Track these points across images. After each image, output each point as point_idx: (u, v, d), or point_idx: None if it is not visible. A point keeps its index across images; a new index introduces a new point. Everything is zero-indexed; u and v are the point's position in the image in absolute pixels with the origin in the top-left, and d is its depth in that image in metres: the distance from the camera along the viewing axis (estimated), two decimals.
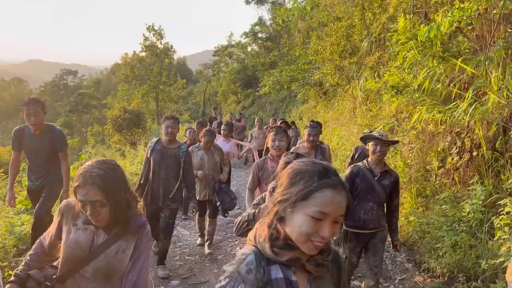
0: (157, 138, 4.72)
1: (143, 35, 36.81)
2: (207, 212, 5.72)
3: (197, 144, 5.70)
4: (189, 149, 5.37)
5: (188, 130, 7.41)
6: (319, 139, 4.99)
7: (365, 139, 3.91)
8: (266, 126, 10.07)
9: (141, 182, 4.62)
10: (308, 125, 4.83)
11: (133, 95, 38.85)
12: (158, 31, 37.12)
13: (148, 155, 4.60)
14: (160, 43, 37.30)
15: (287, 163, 2.15)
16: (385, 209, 3.92)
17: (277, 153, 3.72)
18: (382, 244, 3.88)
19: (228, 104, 37.24)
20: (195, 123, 8.25)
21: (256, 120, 10.45)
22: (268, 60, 30.51)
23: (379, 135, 3.77)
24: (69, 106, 54.78)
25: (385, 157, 3.84)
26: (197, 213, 5.65)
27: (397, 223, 4.00)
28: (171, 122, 4.53)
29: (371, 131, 5.70)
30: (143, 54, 37.51)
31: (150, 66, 36.49)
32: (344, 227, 3.82)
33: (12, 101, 70.88)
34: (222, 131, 7.47)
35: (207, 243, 5.57)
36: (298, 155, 2.30)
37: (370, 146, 3.75)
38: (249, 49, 37.09)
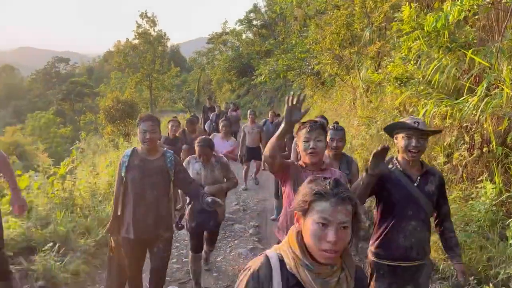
0: (131, 148, 3.44)
1: (136, 22, 36.24)
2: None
3: (195, 155, 4.36)
4: (187, 159, 4.42)
5: (170, 123, 6.44)
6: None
7: (391, 129, 2.74)
8: (264, 120, 9.53)
9: (118, 212, 3.34)
10: (332, 127, 3.76)
11: (126, 83, 38.37)
12: (151, 18, 36.50)
13: (122, 173, 3.29)
14: (153, 30, 36.70)
15: (317, 194, 1.41)
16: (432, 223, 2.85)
17: (313, 159, 2.63)
18: (427, 279, 2.82)
19: (223, 93, 36.95)
20: (186, 121, 7.09)
21: (248, 113, 8.82)
22: (264, 48, 30.16)
23: (414, 123, 2.56)
24: (61, 94, 54.12)
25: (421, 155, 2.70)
26: (190, 248, 4.36)
27: (456, 238, 2.81)
28: (148, 124, 3.25)
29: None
30: (136, 41, 36.94)
31: (143, 53, 35.96)
32: (373, 258, 2.76)
33: (3, 90, 69.95)
34: (221, 128, 6.40)
35: (204, 256, 4.69)
36: (337, 183, 1.44)
37: (400, 139, 2.62)
38: (243, 36, 36.70)
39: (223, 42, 38.82)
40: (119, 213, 3.30)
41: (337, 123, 3.96)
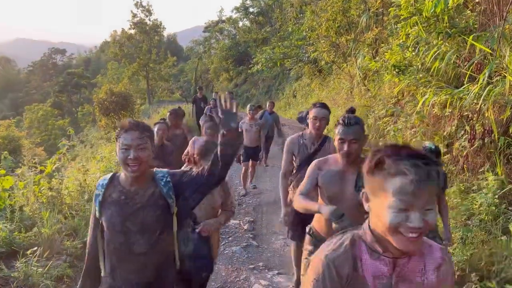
0: (110, 174, 2.17)
1: (131, 11, 35.81)
2: None
3: (187, 167, 3.15)
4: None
5: (157, 126, 4.75)
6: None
7: None
8: (261, 112, 9.11)
9: (90, 265, 2.19)
10: (341, 122, 2.55)
11: (123, 74, 38.06)
12: (147, 7, 36.07)
13: (97, 213, 2.10)
14: (149, 19, 36.31)
15: None
16: None
17: (412, 246, 1.24)
18: None
19: (220, 82, 36.68)
20: (169, 113, 5.84)
21: (248, 108, 7.58)
22: (261, 36, 29.84)
23: None
24: (58, 86, 53.73)
25: None
26: None
27: None
28: (133, 137, 1.99)
29: (435, 146, 3.61)
30: (132, 31, 36.53)
31: (139, 43, 35.60)
32: None
33: (0, 82, 69.54)
34: (204, 131, 5.07)
35: None
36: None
37: None
38: (240, 24, 36.32)
39: (219, 30, 38.45)
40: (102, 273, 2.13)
41: (351, 111, 2.80)
